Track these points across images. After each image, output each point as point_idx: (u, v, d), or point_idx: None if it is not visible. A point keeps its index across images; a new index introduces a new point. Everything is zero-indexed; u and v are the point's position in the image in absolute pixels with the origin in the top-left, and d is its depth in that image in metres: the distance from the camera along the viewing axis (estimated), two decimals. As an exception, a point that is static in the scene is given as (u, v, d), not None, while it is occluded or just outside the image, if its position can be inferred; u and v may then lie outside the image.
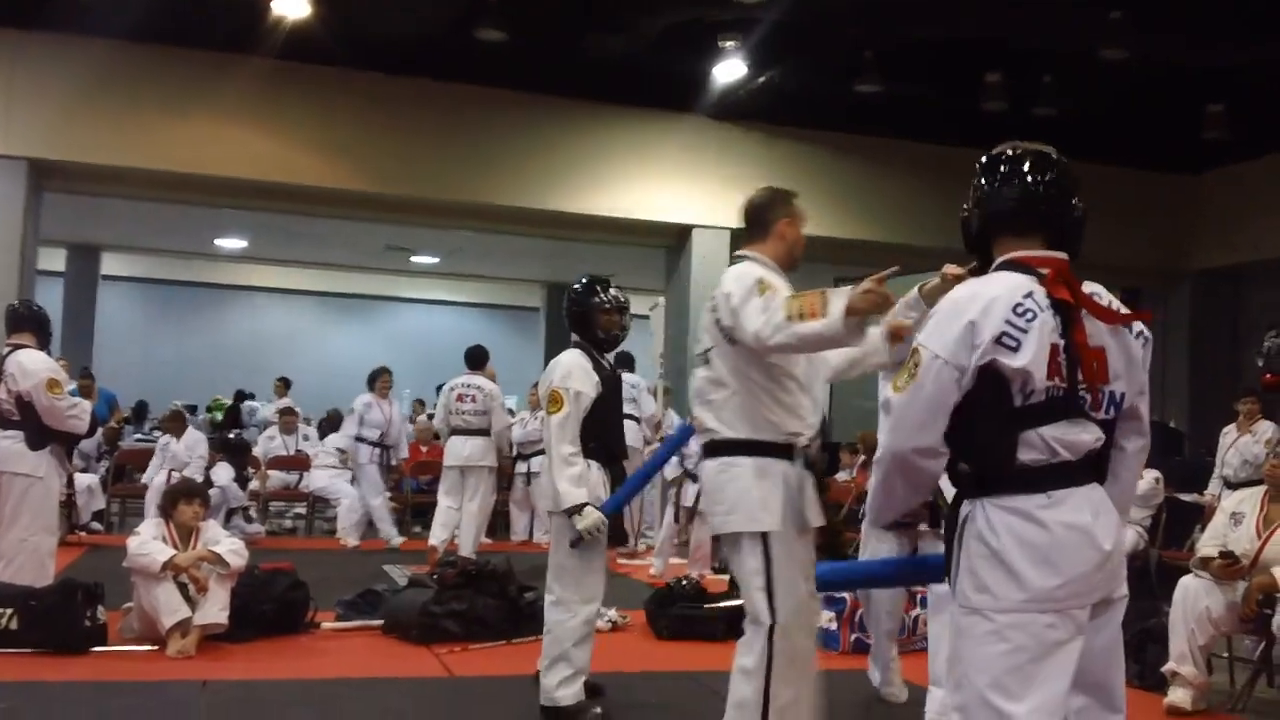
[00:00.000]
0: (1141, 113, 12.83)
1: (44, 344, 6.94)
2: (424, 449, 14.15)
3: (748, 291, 3.89)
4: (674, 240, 14.41)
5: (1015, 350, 2.62)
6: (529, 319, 23.14)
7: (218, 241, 19.03)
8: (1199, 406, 15.02)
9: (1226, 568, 5.65)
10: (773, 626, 3.89)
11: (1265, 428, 9.64)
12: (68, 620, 6.00)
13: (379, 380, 12.07)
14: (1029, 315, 2.67)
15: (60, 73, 12.00)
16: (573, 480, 4.90)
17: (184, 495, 6.48)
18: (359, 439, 11.68)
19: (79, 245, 18.86)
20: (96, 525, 11.01)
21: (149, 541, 6.12)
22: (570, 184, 13.41)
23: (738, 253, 4.30)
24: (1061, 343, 2.69)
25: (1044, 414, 2.67)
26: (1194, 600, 5.70)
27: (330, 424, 14.71)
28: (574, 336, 5.36)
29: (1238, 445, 9.84)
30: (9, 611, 5.94)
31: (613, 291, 5.38)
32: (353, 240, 17.46)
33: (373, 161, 12.98)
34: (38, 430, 6.63)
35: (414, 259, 19.68)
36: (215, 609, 6.11)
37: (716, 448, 4.02)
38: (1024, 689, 2.61)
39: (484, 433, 10.10)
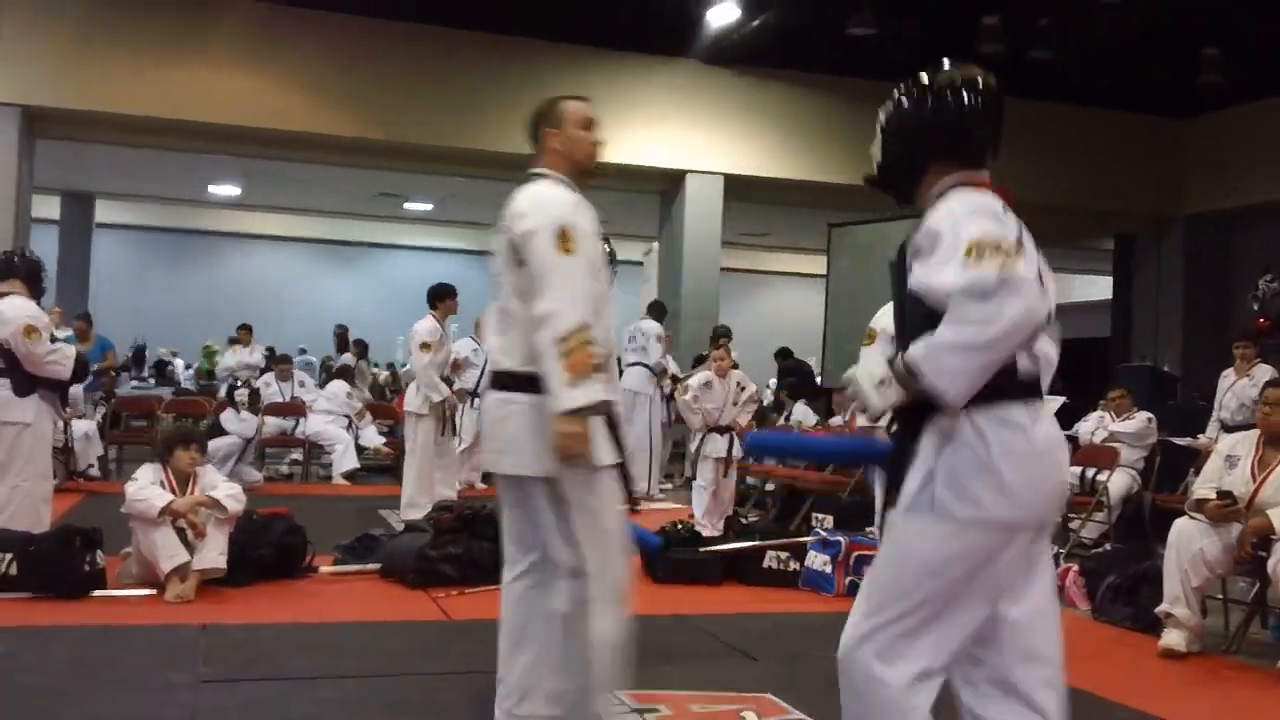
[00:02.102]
0: (1136, 57, 12.77)
1: (34, 292, 6.91)
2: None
3: (553, 239, 3.56)
4: (667, 185, 14.37)
5: (1025, 259, 2.64)
6: (522, 265, 23.05)
7: (211, 188, 18.94)
8: (1192, 351, 15.07)
9: (1222, 508, 5.67)
10: (582, 571, 3.56)
11: (1264, 371, 9.65)
12: (66, 565, 6.01)
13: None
14: (1019, 229, 2.72)
15: (51, 19, 11.91)
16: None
17: (181, 440, 6.48)
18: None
19: (73, 193, 18.78)
20: (95, 471, 11.02)
21: (147, 487, 6.13)
22: (563, 129, 13.34)
23: (531, 169, 3.99)
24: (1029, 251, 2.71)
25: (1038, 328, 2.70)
26: (1188, 542, 5.73)
27: (330, 372, 14.70)
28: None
29: (1235, 389, 9.85)
30: (8, 556, 5.95)
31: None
32: (345, 186, 17.39)
33: (365, 107, 12.91)
34: (23, 377, 6.63)
35: (407, 205, 19.61)
36: (213, 553, 6.13)
37: (500, 380, 3.67)
38: (973, 598, 2.68)
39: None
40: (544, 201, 3.73)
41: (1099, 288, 19.74)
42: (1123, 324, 17.15)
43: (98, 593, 6.07)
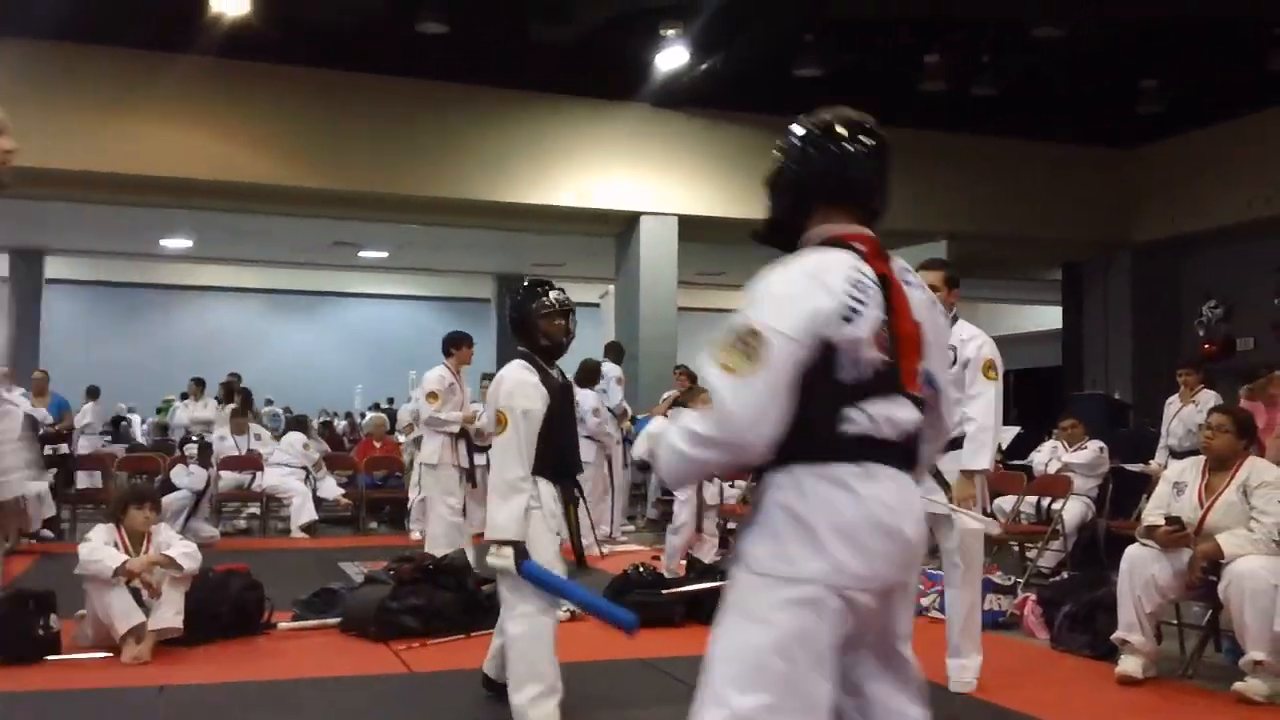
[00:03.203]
0: (1078, 89, 13.00)
1: (-15, 352, 6.88)
2: (377, 445, 14.11)
3: None
4: (622, 228, 14.45)
5: (851, 323, 2.49)
6: (480, 311, 23.12)
7: (163, 242, 18.86)
8: (1142, 377, 15.25)
9: (1171, 534, 5.74)
10: None
11: (1207, 397, 9.80)
12: (20, 629, 5.94)
13: None
14: (863, 287, 2.55)
15: (-4, 75, 11.84)
16: (512, 512, 4.65)
17: (134, 499, 6.43)
18: None
19: (22, 250, 18.67)
20: (47, 533, 10.89)
21: (100, 548, 6.08)
22: (517, 175, 13.41)
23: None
24: (885, 317, 2.56)
25: (869, 389, 2.53)
26: (1141, 568, 5.80)
27: (290, 423, 14.62)
28: (519, 347, 5.07)
29: (1181, 415, 10.00)
30: (-40, 623, 5.88)
31: (554, 294, 5.07)
32: (299, 236, 17.36)
33: (316, 157, 12.92)
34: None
35: (362, 254, 19.59)
36: (170, 613, 6.07)
37: None
38: (791, 670, 2.42)
39: None
40: None
41: (1049, 317, 19.96)
42: (1073, 353, 17.34)
43: (53, 657, 6.00)
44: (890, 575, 2.53)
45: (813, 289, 2.50)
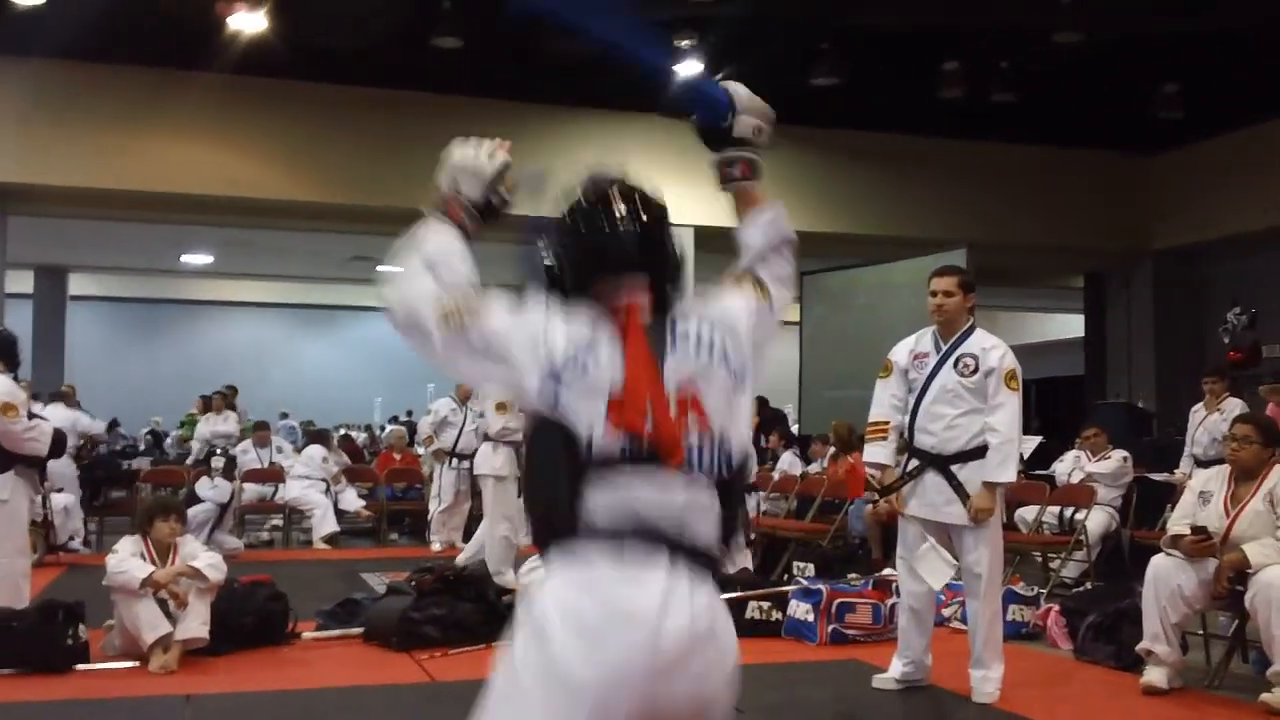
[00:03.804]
0: (1097, 96, 12.97)
1: (10, 367, 6.91)
2: (397, 457, 14.16)
3: None
4: (640, 239, 14.46)
5: (577, 386, 2.18)
6: (499, 323, 23.08)
7: (183, 258, 18.97)
8: (1166, 385, 15.18)
9: (1198, 544, 5.72)
10: None
11: (1233, 405, 9.73)
12: (49, 640, 5.99)
13: None
14: (590, 346, 2.22)
15: (18, 95, 11.96)
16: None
17: (160, 511, 6.47)
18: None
19: (46, 267, 18.79)
20: (75, 545, 10.95)
21: (127, 559, 6.11)
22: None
23: None
24: (624, 379, 2.19)
25: (617, 466, 2.15)
26: (1166, 579, 5.77)
27: (310, 436, 14.71)
28: None
29: (1206, 424, 9.92)
30: (-10, 634, 5.93)
31: None
32: (318, 252, 17.44)
33: (334, 173, 12.98)
34: (0, 454, 6.63)
35: (380, 268, 19.63)
36: (196, 623, 6.11)
37: None
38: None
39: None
40: None
41: (1071, 326, 19.90)
42: (1096, 361, 17.28)
43: (81, 667, 6.04)
44: (637, 693, 2.09)
45: (533, 332, 2.26)
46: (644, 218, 2.46)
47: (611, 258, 2.39)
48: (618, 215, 2.45)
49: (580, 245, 2.44)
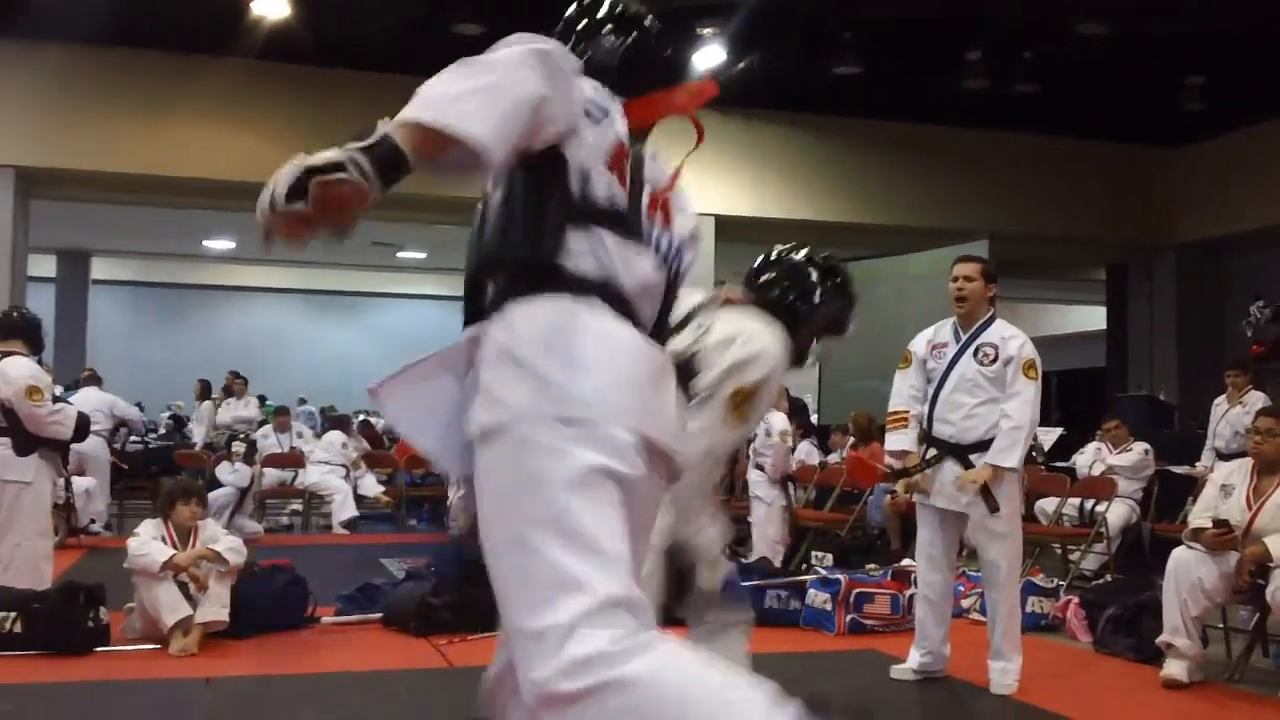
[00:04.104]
0: (1121, 87, 12.89)
1: (34, 350, 6.96)
2: (417, 443, 14.17)
3: None
4: (660, 228, 14.45)
5: (596, 124, 2.21)
6: (518, 310, 23.12)
7: (205, 243, 19.04)
8: (1187, 379, 15.10)
9: (1219, 537, 5.69)
10: None
11: (1256, 398, 9.70)
12: (70, 622, 6.02)
13: None
14: (608, 95, 2.31)
15: (43, 80, 12.01)
16: None
17: (181, 495, 6.50)
18: None
19: (69, 251, 18.87)
20: (96, 528, 11.02)
21: (148, 542, 6.14)
22: (555, 175, 13.44)
23: None
24: (624, 143, 2.27)
25: (600, 217, 2.18)
26: (1186, 572, 5.75)
27: (330, 422, 14.77)
28: None
29: (1228, 417, 9.89)
30: (12, 615, 5.96)
31: None
32: (339, 237, 17.47)
33: (356, 158, 12.98)
34: (24, 437, 6.67)
35: (400, 254, 19.70)
36: (216, 606, 6.14)
37: None
38: (597, 528, 1.97)
39: None
40: None
41: (1093, 318, 19.81)
42: (1118, 354, 17.20)
43: (102, 649, 6.08)
44: (649, 410, 2.10)
45: (557, 59, 2.23)
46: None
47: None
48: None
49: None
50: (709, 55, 12.28)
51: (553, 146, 2.11)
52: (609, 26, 2.57)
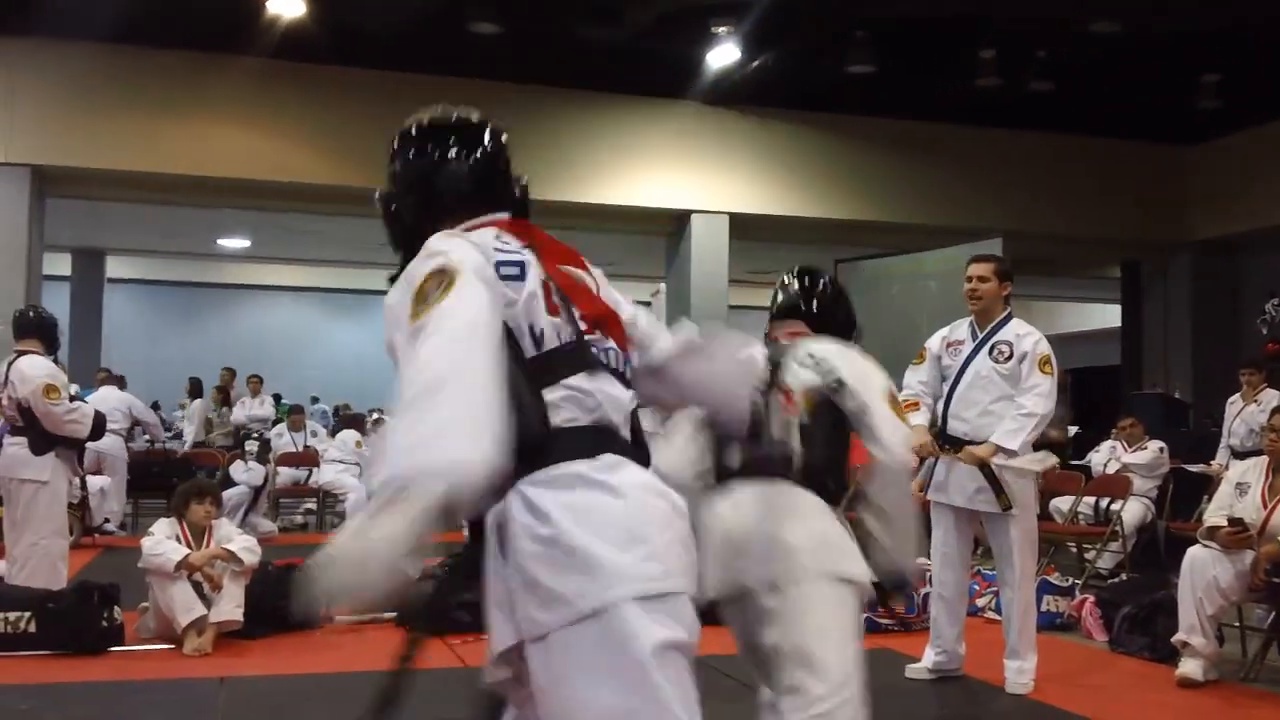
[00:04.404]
0: (1135, 85, 12.84)
1: (50, 349, 6.99)
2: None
3: None
4: (673, 226, 14.44)
5: (518, 281, 2.14)
6: (532, 309, 23.13)
7: (220, 241, 19.07)
8: (1202, 377, 15.04)
9: (1234, 535, 5.68)
10: None
11: (1271, 396, 9.67)
12: (85, 621, 6.05)
13: None
14: (511, 246, 2.22)
15: (59, 78, 12.04)
16: None
17: (195, 494, 6.52)
18: None
19: (84, 250, 18.91)
20: (110, 527, 11.05)
21: (162, 541, 6.17)
22: (568, 173, 13.43)
23: None
24: (548, 280, 2.20)
25: (562, 364, 2.14)
26: (1202, 570, 5.73)
27: (344, 420, 14.79)
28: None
29: (1243, 415, 9.86)
30: (27, 614, 5.99)
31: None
32: (354, 236, 17.43)
33: (371, 157, 12.83)
34: (41, 436, 6.69)
35: (415, 253, 19.69)
36: (230, 606, 6.16)
37: None
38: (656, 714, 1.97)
39: None
40: None
41: (1108, 316, 19.74)
42: (1132, 351, 17.14)
43: (116, 648, 6.10)
44: (690, 568, 2.11)
45: (455, 252, 2.13)
46: (498, 153, 2.50)
47: (480, 193, 2.40)
48: (479, 152, 2.46)
49: (440, 181, 2.42)
50: (722, 54, 12.28)
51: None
52: (458, 146, 2.46)
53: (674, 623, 2.01)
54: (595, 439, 2.10)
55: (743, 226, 14.20)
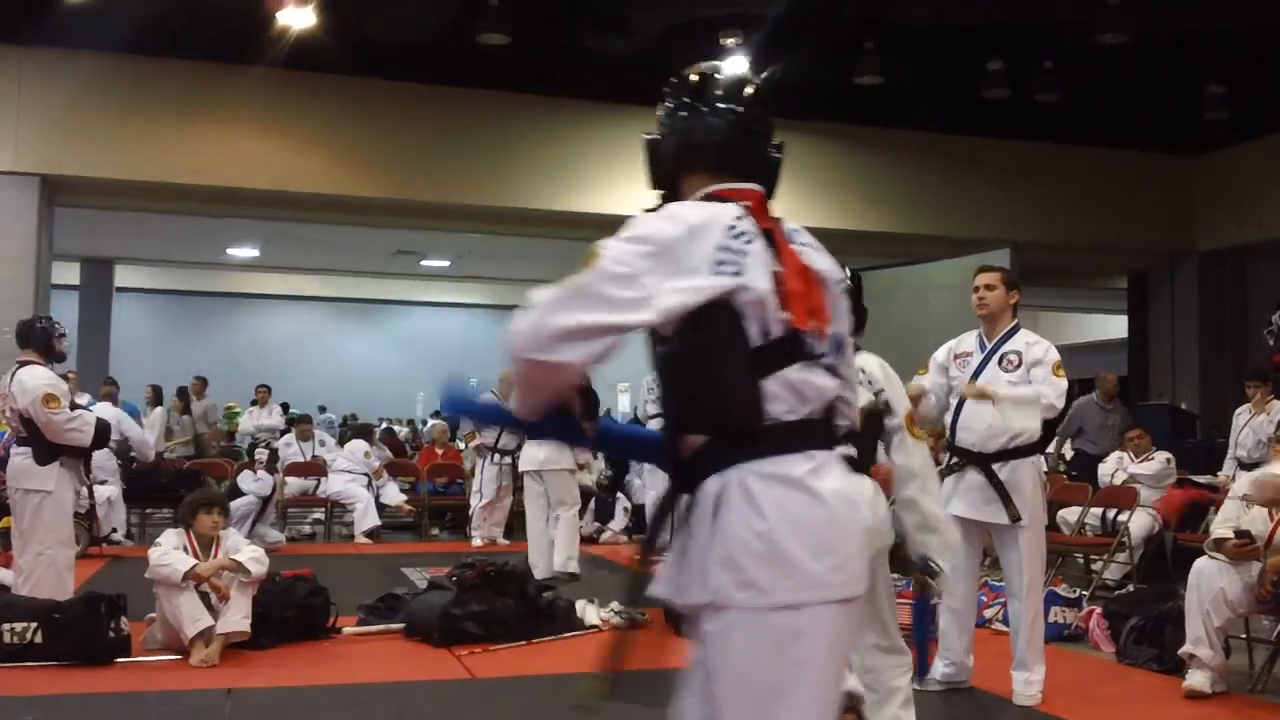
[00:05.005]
0: (1142, 96, 12.85)
1: (50, 359, 6.97)
2: (439, 452, 14.22)
3: None
4: (681, 236, 14.46)
5: (739, 275, 2.22)
6: (539, 319, 23.16)
7: (229, 250, 19.12)
8: (1209, 388, 15.03)
9: (1241, 548, 5.67)
10: None
11: (1278, 408, 9.65)
12: (92, 632, 6.05)
13: None
14: (745, 237, 2.28)
15: (68, 87, 12.08)
16: None
17: (203, 504, 6.52)
18: None
19: (92, 259, 18.95)
20: (118, 537, 11.07)
21: (170, 552, 6.17)
22: (576, 184, 13.46)
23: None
24: (779, 271, 2.28)
25: (782, 355, 2.24)
26: (1209, 582, 5.72)
27: (352, 430, 14.80)
28: None
29: (1251, 425, 9.84)
30: (33, 625, 5.99)
31: None
32: (362, 245, 17.54)
33: (379, 167, 13.04)
34: (44, 445, 6.70)
35: (424, 262, 19.73)
36: (238, 617, 6.16)
37: None
38: (805, 697, 2.19)
39: None
40: None
41: (1115, 326, 19.72)
42: (1139, 362, 17.12)
43: (123, 659, 6.10)
44: (863, 572, 2.28)
45: (670, 233, 2.26)
46: (758, 115, 2.54)
47: (726, 153, 2.47)
48: (735, 110, 2.50)
49: (694, 134, 2.50)
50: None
51: (720, 304, 2.22)
52: (715, 106, 2.51)
53: (843, 624, 2.25)
54: (807, 434, 2.25)
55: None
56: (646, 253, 2.24)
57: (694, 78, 2.56)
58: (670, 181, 2.54)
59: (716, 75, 2.55)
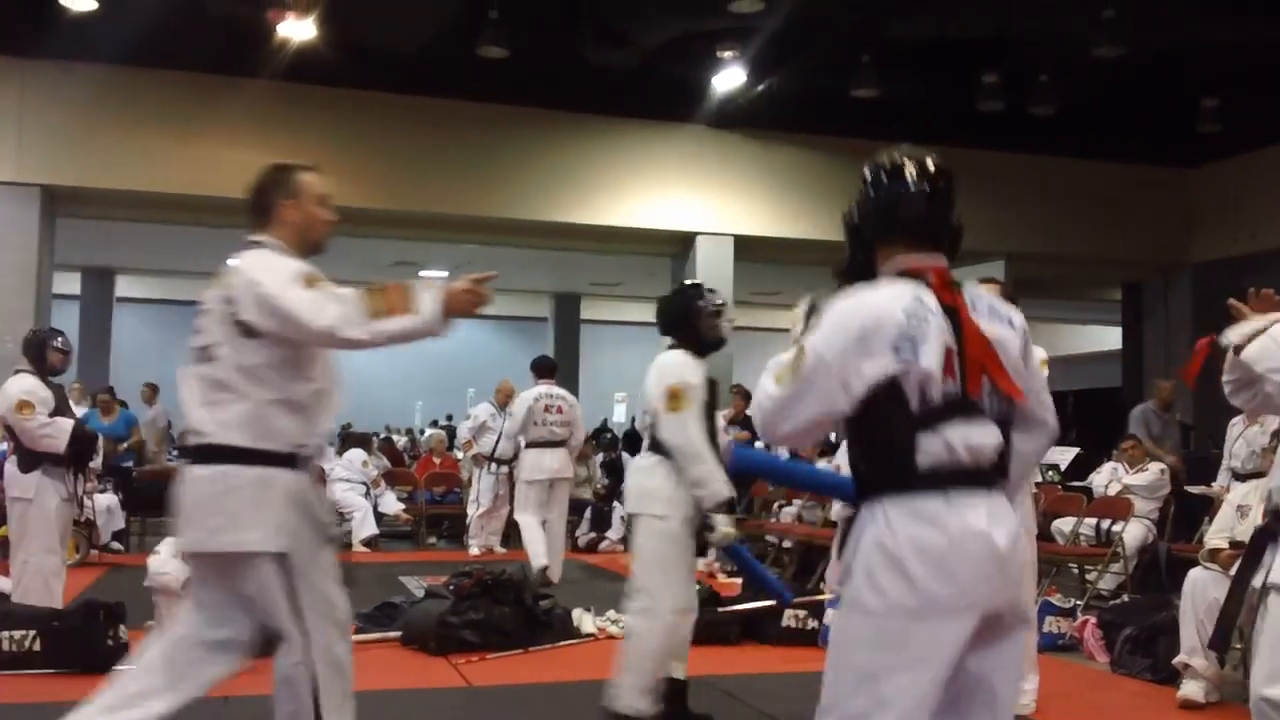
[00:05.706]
0: (1137, 109, 12.92)
1: (41, 369, 6.95)
2: (437, 461, 14.25)
3: (287, 281, 3.66)
4: (678, 248, 14.50)
5: (913, 355, 2.61)
6: (537, 329, 23.25)
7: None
8: (1204, 399, 15.04)
9: (1235, 558, 5.69)
10: (308, 646, 3.74)
11: (1272, 418, 9.66)
12: (90, 640, 6.05)
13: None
14: (921, 319, 2.65)
15: (69, 99, 12.12)
16: (722, 477, 4.82)
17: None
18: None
19: (93, 269, 19.00)
20: (117, 545, 11.09)
21: (168, 560, 6.18)
22: (574, 195, 13.51)
23: (251, 238, 3.98)
24: (954, 345, 2.66)
25: (941, 415, 2.64)
26: (1203, 592, 5.74)
27: (351, 439, 14.79)
28: (671, 341, 5.27)
29: (1245, 436, 9.83)
30: (31, 633, 5.99)
31: (712, 296, 5.30)
32: (361, 256, 17.53)
33: (379, 179, 13.09)
34: (26, 453, 6.73)
35: (422, 273, 19.75)
36: (236, 625, 6.17)
37: (210, 453, 3.66)
38: (898, 694, 2.57)
39: (564, 444, 10.13)
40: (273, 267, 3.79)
41: (1109, 338, 19.77)
42: (1134, 373, 17.16)
43: (122, 667, 6.11)
44: (989, 595, 2.61)
45: (859, 319, 2.64)
46: (938, 191, 2.92)
47: (909, 224, 2.87)
48: (915, 184, 2.90)
49: (875, 210, 2.94)
50: (728, 78, 12.36)
51: (888, 383, 2.61)
52: (900, 187, 2.94)
53: (949, 634, 2.59)
54: (948, 480, 2.62)
55: (747, 248, 14.26)
56: (843, 345, 2.62)
57: (889, 163, 2.97)
58: (866, 253, 2.93)
59: (910, 157, 2.95)
